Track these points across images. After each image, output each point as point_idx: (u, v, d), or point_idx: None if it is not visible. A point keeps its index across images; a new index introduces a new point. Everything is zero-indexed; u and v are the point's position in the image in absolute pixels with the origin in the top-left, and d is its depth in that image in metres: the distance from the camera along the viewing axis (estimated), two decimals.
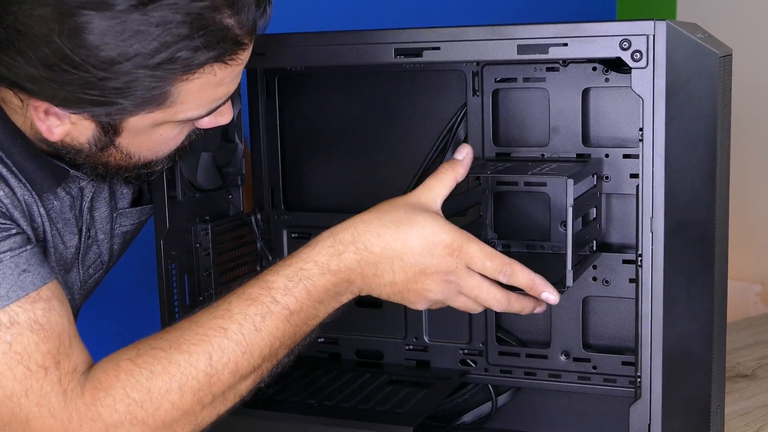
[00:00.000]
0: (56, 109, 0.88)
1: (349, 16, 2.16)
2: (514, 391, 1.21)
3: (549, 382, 1.17)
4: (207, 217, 1.19)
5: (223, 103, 0.94)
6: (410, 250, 0.93)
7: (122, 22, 0.81)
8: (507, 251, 1.17)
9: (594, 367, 1.15)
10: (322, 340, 1.26)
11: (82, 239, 1.07)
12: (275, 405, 1.12)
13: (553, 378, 1.17)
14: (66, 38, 0.81)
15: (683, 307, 0.94)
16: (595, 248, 1.12)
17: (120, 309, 1.69)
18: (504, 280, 0.94)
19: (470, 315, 1.18)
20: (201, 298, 1.18)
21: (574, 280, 0.98)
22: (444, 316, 1.20)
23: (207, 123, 0.96)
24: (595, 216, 1.11)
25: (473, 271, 0.94)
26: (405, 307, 1.21)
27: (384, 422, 1.06)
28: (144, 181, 1.09)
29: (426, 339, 1.22)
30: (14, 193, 0.95)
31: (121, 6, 0.81)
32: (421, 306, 0.97)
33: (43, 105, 0.88)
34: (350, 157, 1.24)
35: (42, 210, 0.99)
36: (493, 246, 1.09)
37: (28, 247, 0.91)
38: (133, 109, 0.88)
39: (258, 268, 1.26)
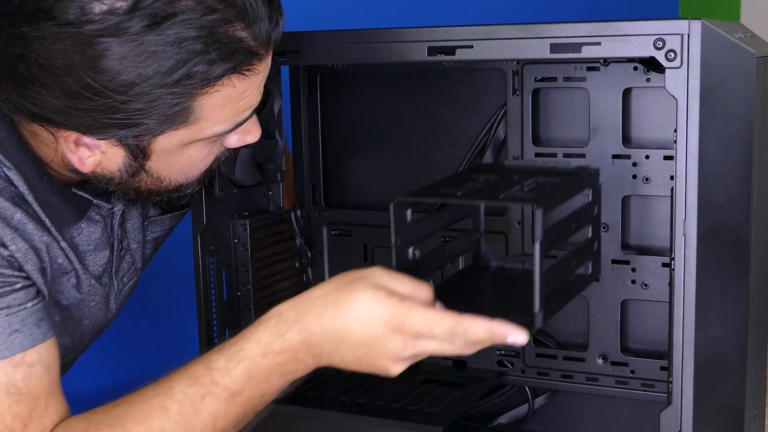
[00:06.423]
0: (86, 139, 0.91)
1: (383, 14, 2.17)
2: (552, 393, 1.20)
3: (586, 386, 1.15)
4: (246, 213, 1.20)
5: (248, 117, 0.96)
6: (350, 332, 0.87)
7: (139, 45, 0.83)
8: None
9: (632, 372, 1.13)
10: None
11: (115, 253, 1.09)
12: (308, 401, 1.12)
13: (590, 381, 1.15)
14: (86, 67, 0.84)
15: (717, 312, 0.92)
16: (591, 271, 1.03)
17: (159, 302, 1.72)
18: (461, 342, 0.85)
19: None
20: (239, 293, 1.20)
21: (550, 317, 0.89)
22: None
23: (235, 142, 0.98)
24: (591, 235, 1.02)
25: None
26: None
27: (415, 421, 1.06)
28: (174, 203, 1.10)
29: None
30: (31, 242, 0.96)
31: (135, 29, 0.83)
32: (394, 373, 0.89)
33: (72, 135, 0.91)
34: (390, 155, 1.24)
35: (64, 244, 1.01)
36: (486, 262, 1.07)
37: (29, 304, 0.93)
38: (158, 128, 0.90)
39: (296, 265, 1.26)
